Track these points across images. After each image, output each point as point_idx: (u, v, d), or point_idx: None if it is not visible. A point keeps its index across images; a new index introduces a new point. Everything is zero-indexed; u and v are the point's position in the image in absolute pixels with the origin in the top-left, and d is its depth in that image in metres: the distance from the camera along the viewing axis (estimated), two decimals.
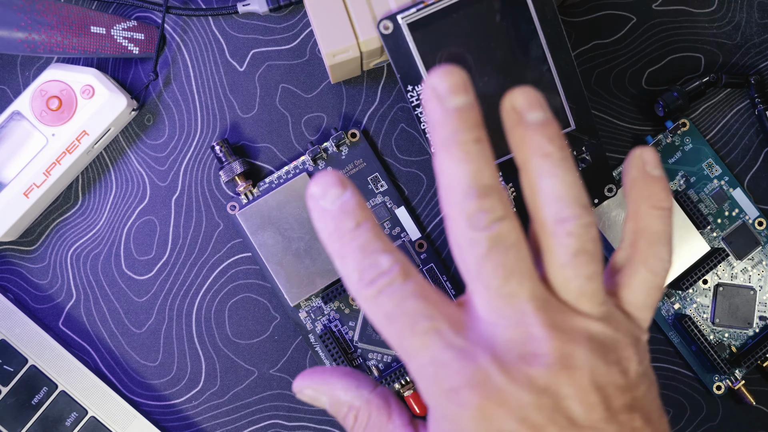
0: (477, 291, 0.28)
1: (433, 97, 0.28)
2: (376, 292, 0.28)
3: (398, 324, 0.27)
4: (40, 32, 0.41)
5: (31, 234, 0.44)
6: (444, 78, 0.27)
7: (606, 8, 0.45)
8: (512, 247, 0.27)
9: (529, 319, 0.27)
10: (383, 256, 0.28)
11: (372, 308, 0.28)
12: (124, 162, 0.45)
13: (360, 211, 0.28)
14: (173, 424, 0.44)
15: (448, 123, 0.27)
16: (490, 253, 0.27)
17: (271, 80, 0.45)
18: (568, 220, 0.28)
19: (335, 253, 0.28)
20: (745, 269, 0.44)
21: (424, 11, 0.39)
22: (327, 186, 0.28)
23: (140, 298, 0.44)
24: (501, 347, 0.27)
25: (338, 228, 0.28)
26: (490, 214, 0.27)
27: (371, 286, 0.28)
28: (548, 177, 0.28)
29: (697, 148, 0.44)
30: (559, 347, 0.27)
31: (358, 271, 0.28)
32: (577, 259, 0.28)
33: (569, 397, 0.27)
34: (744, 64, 0.45)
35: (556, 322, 0.27)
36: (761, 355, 0.43)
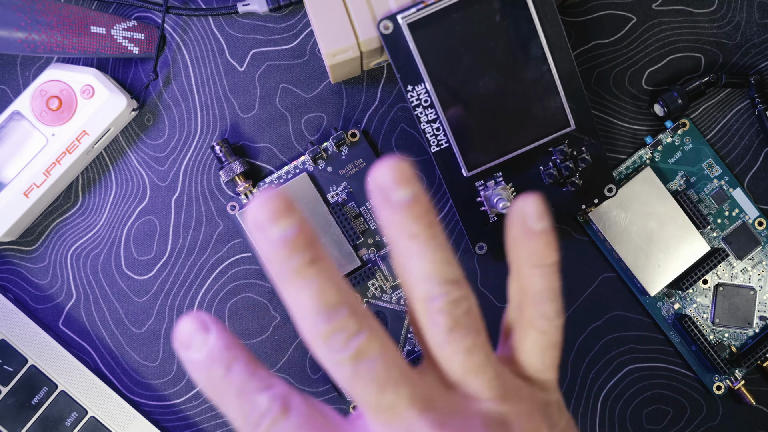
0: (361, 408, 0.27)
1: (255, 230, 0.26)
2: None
3: None
4: (40, 32, 0.41)
5: (31, 234, 0.44)
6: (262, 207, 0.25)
7: (606, 8, 0.45)
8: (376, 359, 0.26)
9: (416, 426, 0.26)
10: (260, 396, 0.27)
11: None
12: (124, 162, 0.45)
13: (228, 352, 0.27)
14: (173, 424, 0.44)
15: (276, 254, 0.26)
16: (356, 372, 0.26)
17: (271, 80, 0.45)
18: (437, 298, 0.27)
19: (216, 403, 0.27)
20: (745, 269, 0.44)
21: (424, 11, 0.39)
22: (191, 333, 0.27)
23: (140, 298, 0.44)
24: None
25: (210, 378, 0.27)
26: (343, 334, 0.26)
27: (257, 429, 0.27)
28: (416, 258, 0.27)
29: (697, 148, 0.44)
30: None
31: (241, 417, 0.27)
32: (452, 335, 0.27)
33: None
34: (744, 64, 0.45)
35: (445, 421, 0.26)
36: (761, 355, 0.43)
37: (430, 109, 0.40)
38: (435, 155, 0.41)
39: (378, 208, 0.27)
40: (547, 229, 0.28)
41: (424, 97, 0.40)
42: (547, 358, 0.29)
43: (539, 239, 0.28)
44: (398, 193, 0.26)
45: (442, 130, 0.40)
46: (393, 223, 0.27)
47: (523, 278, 0.29)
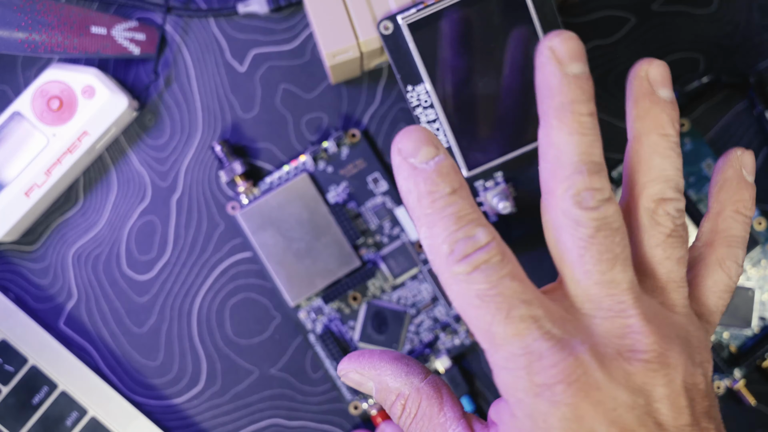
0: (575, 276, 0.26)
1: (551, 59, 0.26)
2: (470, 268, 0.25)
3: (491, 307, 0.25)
4: (41, 32, 0.41)
5: (33, 234, 0.45)
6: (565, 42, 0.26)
7: (606, 8, 0.45)
8: (617, 232, 0.26)
9: (629, 311, 0.26)
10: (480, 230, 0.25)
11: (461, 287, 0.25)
12: (125, 162, 0.45)
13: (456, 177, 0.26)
14: (174, 423, 0.44)
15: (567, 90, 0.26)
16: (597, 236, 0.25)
17: (271, 81, 0.45)
18: (670, 201, 0.27)
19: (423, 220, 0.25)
20: (745, 269, 0.44)
21: (424, 11, 0.39)
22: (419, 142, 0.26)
23: (141, 298, 0.44)
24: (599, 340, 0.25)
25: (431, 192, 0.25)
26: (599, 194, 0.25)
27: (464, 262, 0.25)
28: (661, 156, 0.27)
29: (697, 148, 0.45)
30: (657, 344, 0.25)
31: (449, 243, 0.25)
32: (670, 239, 0.27)
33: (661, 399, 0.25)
34: (744, 64, 0.45)
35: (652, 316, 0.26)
36: (761, 355, 0.43)
37: (430, 109, 0.40)
38: None
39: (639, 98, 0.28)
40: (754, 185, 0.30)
41: (424, 97, 0.40)
42: (722, 301, 0.29)
43: (749, 190, 0.30)
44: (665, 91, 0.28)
45: (442, 130, 0.40)
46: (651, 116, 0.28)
47: (722, 220, 0.30)
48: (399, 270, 0.44)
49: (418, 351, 0.44)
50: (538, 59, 0.26)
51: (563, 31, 0.26)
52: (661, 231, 0.27)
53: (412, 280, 0.44)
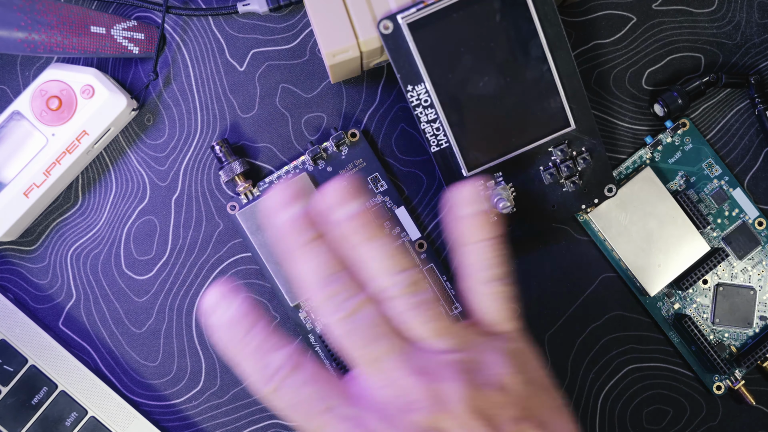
0: (353, 364, 0.32)
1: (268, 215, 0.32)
2: (275, 387, 0.31)
3: (300, 410, 0.31)
4: (40, 32, 0.41)
5: (31, 234, 0.44)
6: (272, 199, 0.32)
7: (606, 8, 0.45)
8: (365, 318, 0.31)
9: (396, 374, 0.31)
10: (275, 355, 0.31)
11: (276, 402, 0.31)
12: (124, 162, 0.45)
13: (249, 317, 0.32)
14: (173, 424, 0.44)
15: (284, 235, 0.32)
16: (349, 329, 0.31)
17: (271, 80, 0.45)
18: (392, 287, 0.32)
19: (233, 361, 0.32)
20: (745, 269, 0.44)
21: (424, 11, 0.39)
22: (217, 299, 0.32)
23: (140, 298, 0.44)
24: (384, 406, 0.31)
25: (231, 338, 0.32)
26: (339, 297, 0.31)
27: (270, 384, 0.31)
28: (366, 260, 0.32)
29: (697, 148, 0.44)
30: (429, 388, 0.30)
31: (256, 373, 0.31)
32: (413, 312, 0.32)
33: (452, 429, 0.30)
34: (744, 64, 0.45)
35: (421, 368, 0.31)
36: (761, 355, 0.43)
37: (430, 109, 0.40)
38: (435, 155, 0.41)
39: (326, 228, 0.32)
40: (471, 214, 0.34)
41: (424, 97, 0.40)
42: (501, 312, 0.34)
43: (464, 223, 0.34)
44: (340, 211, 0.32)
45: (442, 130, 0.40)
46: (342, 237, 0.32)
47: (458, 256, 0.34)
48: None
49: None
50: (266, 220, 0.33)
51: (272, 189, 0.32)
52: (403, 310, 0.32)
53: None
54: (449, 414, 0.30)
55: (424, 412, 0.30)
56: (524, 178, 0.41)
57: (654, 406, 0.45)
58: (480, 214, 0.34)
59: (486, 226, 0.34)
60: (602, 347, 0.45)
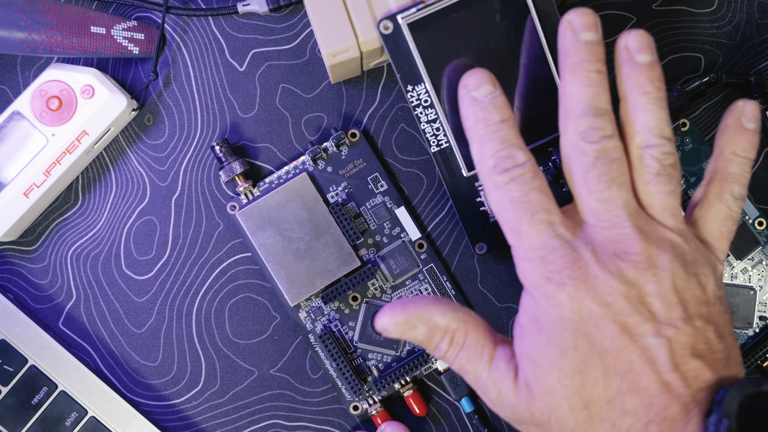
0: (581, 195, 0.33)
1: (568, 29, 0.33)
2: (508, 179, 0.32)
3: (520, 210, 0.32)
4: (40, 32, 0.41)
5: (31, 234, 0.44)
6: (580, 15, 0.33)
7: (606, 8, 0.45)
8: (615, 161, 0.32)
9: (623, 222, 0.32)
10: (520, 152, 0.32)
11: (499, 193, 0.32)
12: (124, 162, 0.45)
13: (507, 110, 0.33)
14: (173, 424, 0.44)
15: (578, 52, 0.33)
16: (597, 163, 0.32)
17: (271, 80, 0.45)
18: (653, 146, 0.33)
19: (477, 139, 0.33)
20: (745, 269, 0.44)
21: (424, 11, 0.39)
22: (481, 80, 0.33)
23: (140, 298, 0.44)
24: (599, 244, 0.32)
25: (486, 118, 0.33)
26: (600, 131, 0.32)
27: (504, 174, 0.32)
28: (643, 111, 0.33)
29: (697, 148, 0.44)
30: (647, 248, 0.31)
31: (495, 158, 0.32)
32: (658, 177, 0.33)
33: (652, 293, 0.31)
34: (744, 64, 0.45)
35: (644, 229, 0.32)
36: (761, 355, 0.43)
37: (430, 109, 0.40)
38: (435, 155, 0.41)
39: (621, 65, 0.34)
40: (757, 131, 0.35)
41: (424, 97, 0.40)
42: (725, 228, 0.34)
43: (747, 135, 0.35)
44: (642, 56, 0.33)
45: (442, 130, 0.40)
46: (632, 79, 0.33)
47: (721, 161, 0.35)
48: (399, 270, 0.44)
49: (418, 351, 0.44)
50: (559, 29, 0.34)
51: (581, 8, 0.33)
52: (649, 171, 0.33)
53: (412, 280, 0.44)
54: (656, 279, 0.31)
55: (636, 265, 0.31)
56: None
57: None
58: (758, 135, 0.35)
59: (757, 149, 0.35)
60: None
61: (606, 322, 0.31)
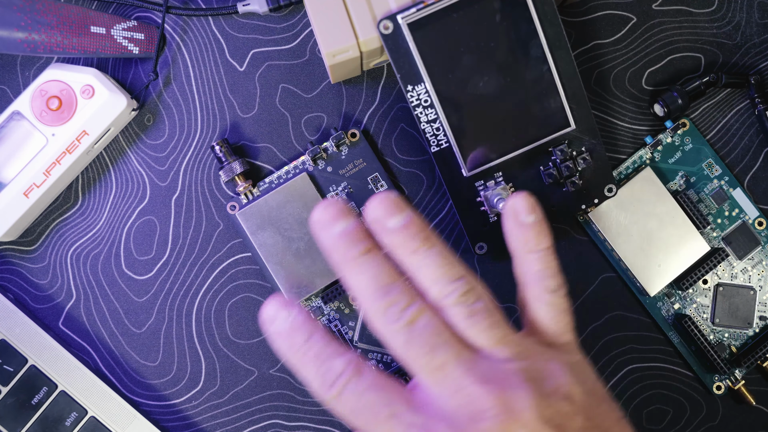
0: (414, 372, 0.31)
1: (318, 229, 0.32)
2: (337, 392, 0.31)
3: (363, 416, 0.30)
4: (40, 32, 0.41)
5: (31, 234, 0.44)
6: (323, 210, 0.32)
7: (606, 8, 0.45)
8: (426, 326, 0.31)
9: (464, 382, 0.30)
10: (336, 361, 0.31)
11: (338, 407, 0.31)
12: (124, 162, 0.45)
13: (308, 325, 0.32)
14: (173, 424, 0.44)
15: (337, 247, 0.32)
16: (411, 338, 0.31)
17: (271, 80, 0.45)
18: (449, 295, 0.31)
19: (295, 367, 0.32)
20: (745, 269, 0.44)
21: (424, 11, 0.39)
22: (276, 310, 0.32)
23: (140, 298, 0.44)
24: (452, 415, 0.30)
25: (292, 345, 0.31)
26: (397, 306, 0.31)
27: (332, 389, 0.31)
28: (422, 268, 0.32)
29: (697, 148, 0.44)
30: (499, 397, 0.30)
31: (318, 378, 0.31)
32: (471, 319, 0.31)
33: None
34: (744, 64, 0.45)
35: (487, 376, 0.30)
36: (761, 355, 0.43)
37: (430, 109, 0.40)
38: (435, 155, 0.41)
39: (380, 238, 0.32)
40: (537, 221, 0.33)
41: (424, 97, 0.40)
42: (561, 323, 0.33)
43: (531, 230, 0.33)
44: (392, 221, 0.32)
45: (442, 130, 0.40)
46: (395, 246, 0.32)
47: (522, 263, 0.34)
48: None
49: None
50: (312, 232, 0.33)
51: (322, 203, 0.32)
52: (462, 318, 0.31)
53: None
54: (521, 423, 0.29)
55: (495, 420, 0.29)
56: (524, 178, 0.41)
57: (654, 406, 0.45)
58: (543, 222, 0.34)
59: (548, 234, 0.34)
60: (602, 347, 0.45)
61: None
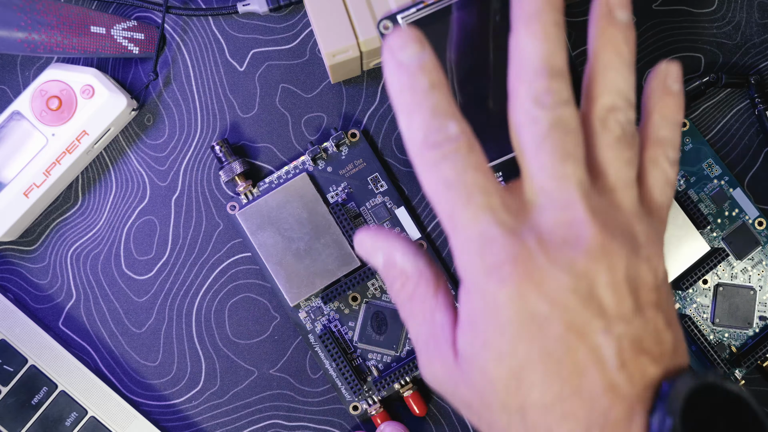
0: (531, 171, 0.28)
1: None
2: (439, 156, 0.27)
3: (455, 193, 0.27)
4: (40, 32, 0.41)
5: (31, 234, 0.44)
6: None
7: None
8: (571, 132, 0.28)
9: (576, 204, 0.28)
10: (452, 123, 0.28)
11: (430, 173, 0.28)
12: (124, 162, 0.45)
13: (437, 74, 0.28)
14: (173, 424, 0.44)
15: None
16: (551, 133, 0.28)
17: (271, 80, 0.45)
18: (619, 110, 0.29)
19: (403, 109, 0.28)
20: (745, 269, 0.44)
21: (424, 11, 0.39)
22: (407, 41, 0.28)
23: (140, 298, 0.44)
24: (547, 230, 0.28)
25: (413, 84, 0.28)
26: (556, 96, 0.28)
27: (435, 149, 0.27)
28: (613, 71, 0.29)
29: (697, 148, 0.44)
30: (600, 235, 0.27)
31: (424, 131, 0.28)
32: (619, 143, 0.29)
33: (604, 285, 0.27)
34: (744, 64, 0.45)
35: (599, 211, 0.28)
36: (761, 355, 0.43)
37: None
38: None
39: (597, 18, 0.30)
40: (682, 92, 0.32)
41: None
42: (664, 196, 0.31)
43: (673, 97, 0.32)
44: (622, 13, 0.30)
45: None
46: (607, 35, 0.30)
47: (650, 125, 0.32)
48: None
49: None
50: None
51: None
52: (610, 135, 0.29)
53: None
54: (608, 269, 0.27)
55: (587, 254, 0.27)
56: None
57: None
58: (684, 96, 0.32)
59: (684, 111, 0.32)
60: None
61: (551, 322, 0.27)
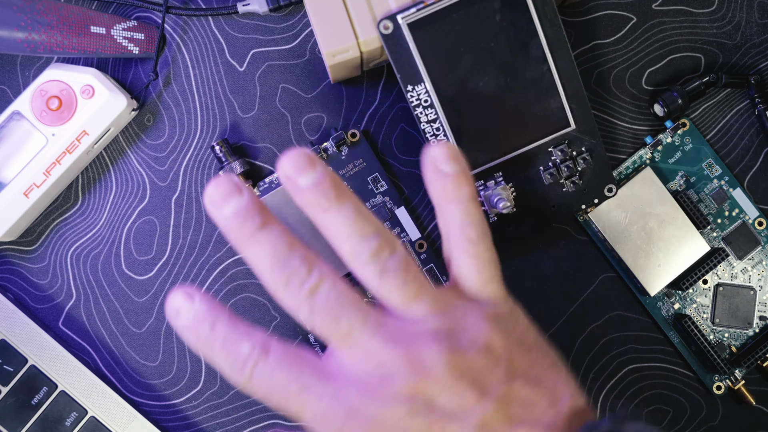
0: (327, 342, 0.30)
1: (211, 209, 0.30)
2: (248, 376, 0.30)
3: (276, 395, 0.30)
4: (40, 32, 0.41)
5: (31, 234, 0.44)
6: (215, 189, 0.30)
7: (606, 8, 0.45)
8: (329, 293, 0.30)
9: (372, 345, 0.30)
10: (242, 344, 0.30)
11: (252, 390, 0.30)
12: (124, 162, 0.45)
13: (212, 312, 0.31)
14: (173, 424, 0.44)
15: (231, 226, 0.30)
16: (314, 308, 0.30)
17: (271, 80, 0.45)
18: (360, 253, 0.30)
19: (207, 358, 0.31)
20: (745, 269, 0.44)
21: (424, 11, 0.39)
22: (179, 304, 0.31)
23: (140, 298, 0.44)
24: (363, 380, 0.30)
25: (199, 337, 0.30)
26: (297, 277, 0.30)
27: (243, 373, 0.30)
28: (333, 226, 0.31)
29: (697, 148, 0.44)
30: (407, 355, 0.29)
31: (228, 365, 0.30)
32: (383, 277, 0.30)
33: (437, 395, 0.29)
34: (744, 64, 0.45)
35: (395, 336, 0.30)
36: (761, 355, 0.43)
37: (430, 109, 0.40)
38: None
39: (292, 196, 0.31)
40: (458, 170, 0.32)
41: (424, 97, 0.40)
42: (484, 274, 0.32)
43: (449, 178, 0.32)
44: (303, 179, 0.31)
45: (442, 130, 0.40)
46: (306, 205, 0.31)
47: (443, 213, 0.33)
48: None
49: None
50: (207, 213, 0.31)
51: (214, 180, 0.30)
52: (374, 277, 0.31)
53: None
54: (432, 379, 0.29)
55: (404, 380, 0.29)
56: (524, 178, 0.41)
57: (654, 406, 0.45)
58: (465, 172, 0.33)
59: (470, 184, 0.33)
60: (602, 347, 0.45)
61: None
